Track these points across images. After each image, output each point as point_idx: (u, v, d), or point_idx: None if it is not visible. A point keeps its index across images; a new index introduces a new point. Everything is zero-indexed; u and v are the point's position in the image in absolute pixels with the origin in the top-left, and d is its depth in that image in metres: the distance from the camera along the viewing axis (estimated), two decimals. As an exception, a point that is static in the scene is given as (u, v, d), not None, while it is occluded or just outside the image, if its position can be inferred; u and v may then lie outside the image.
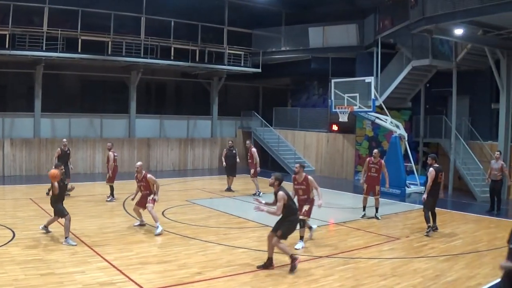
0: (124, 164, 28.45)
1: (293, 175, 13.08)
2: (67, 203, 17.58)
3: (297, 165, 12.89)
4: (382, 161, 17.31)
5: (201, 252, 12.09)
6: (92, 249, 11.77)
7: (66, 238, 12.34)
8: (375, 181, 17.00)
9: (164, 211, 16.93)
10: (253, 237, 13.92)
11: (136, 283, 9.54)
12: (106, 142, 27.28)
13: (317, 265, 11.20)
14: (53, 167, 13.49)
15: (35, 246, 11.83)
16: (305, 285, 9.93)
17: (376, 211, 16.88)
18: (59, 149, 19.91)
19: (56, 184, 12.50)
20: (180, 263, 11.01)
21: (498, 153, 19.11)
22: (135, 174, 14.49)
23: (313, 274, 10.58)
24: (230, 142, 22.88)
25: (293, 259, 10.68)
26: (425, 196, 14.73)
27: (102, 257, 11.14)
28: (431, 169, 14.88)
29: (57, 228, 13.44)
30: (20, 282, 9.26)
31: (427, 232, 14.58)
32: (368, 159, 17.57)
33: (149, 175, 14.31)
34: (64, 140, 20.62)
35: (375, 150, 17.58)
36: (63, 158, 19.26)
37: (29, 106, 26.89)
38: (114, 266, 10.50)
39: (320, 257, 11.92)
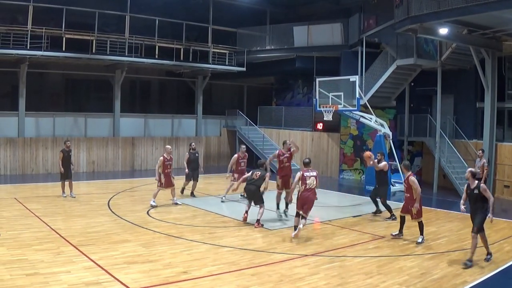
0: (108, 163, 28.38)
1: None
2: (51, 203, 17.55)
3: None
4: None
5: (187, 251, 12.06)
6: (77, 248, 11.70)
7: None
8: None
9: (149, 210, 16.89)
10: (239, 236, 13.92)
11: (121, 283, 9.50)
12: (90, 141, 27.29)
13: (302, 264, 11.22)
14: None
15: (20, 246, 11.74)
16: (291, 283, 9.93)
17: None
18: (61, 152, 19.20)
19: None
20: (165, 263, 10.97)
21: (481, 151, 19.29)
22: (168, 156, 17.88)
23: (298, 273, 10.58)
24: (192, 144, 21.39)
25: None
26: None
27: (87, 256, 11.08)
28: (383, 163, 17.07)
29: (42, 227, 13.38)
30: (5, 282, 9.19)
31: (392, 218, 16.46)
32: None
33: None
34: (69, 142, 19.81)
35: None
36: (67, 160, 19.07)
37: (13, 105, 26.69)
38: (99, 266, 10.45)
39: (306, 255, 11.92)
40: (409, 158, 27.47)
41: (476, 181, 11.58)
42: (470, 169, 12.03)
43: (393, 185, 22.86)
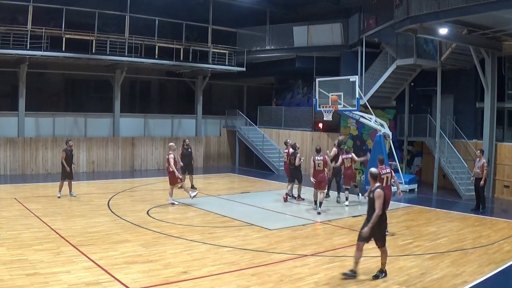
0: (108, 163, 28.36)
1: None
2: (51, 203, 17.53)
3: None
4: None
5: (187, 251, 12.05)
6: (77, 249, 11.69)
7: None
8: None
9: (149, 210, 16.89)
10: (239, 236, 13.90)
11: (121, 283, 9.49)
12: (90, 141, 27.30)
13: (302, 264, 11.21)
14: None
15: (20, 246, 11.73)
16: (291, 283, 9.92)
17: None
18: (64, 152, 19.42)
19: None
20: (165, 263, 10.97)
21: (479, 152, 19.31)
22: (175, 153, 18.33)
23: (298, 273, 10.57)
24: (186, 140, 22.82)
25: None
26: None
27: (87, 256, 11.07)
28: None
29: (42, 227, 13.39)
30: (5, 282, 9.19)
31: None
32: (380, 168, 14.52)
33: None
34: (71, 141, 20.09)
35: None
36: (69, 160, 19.19)
37: (13, 105, 26.67)
38: (99, 266, 10.44)
39: (306, 255, 11.92)
40: (409, 158, 27.52)
41: (377, 184, 10.40)
42: (370, 169, 10.75)
43: (392, 185, 22.78)
